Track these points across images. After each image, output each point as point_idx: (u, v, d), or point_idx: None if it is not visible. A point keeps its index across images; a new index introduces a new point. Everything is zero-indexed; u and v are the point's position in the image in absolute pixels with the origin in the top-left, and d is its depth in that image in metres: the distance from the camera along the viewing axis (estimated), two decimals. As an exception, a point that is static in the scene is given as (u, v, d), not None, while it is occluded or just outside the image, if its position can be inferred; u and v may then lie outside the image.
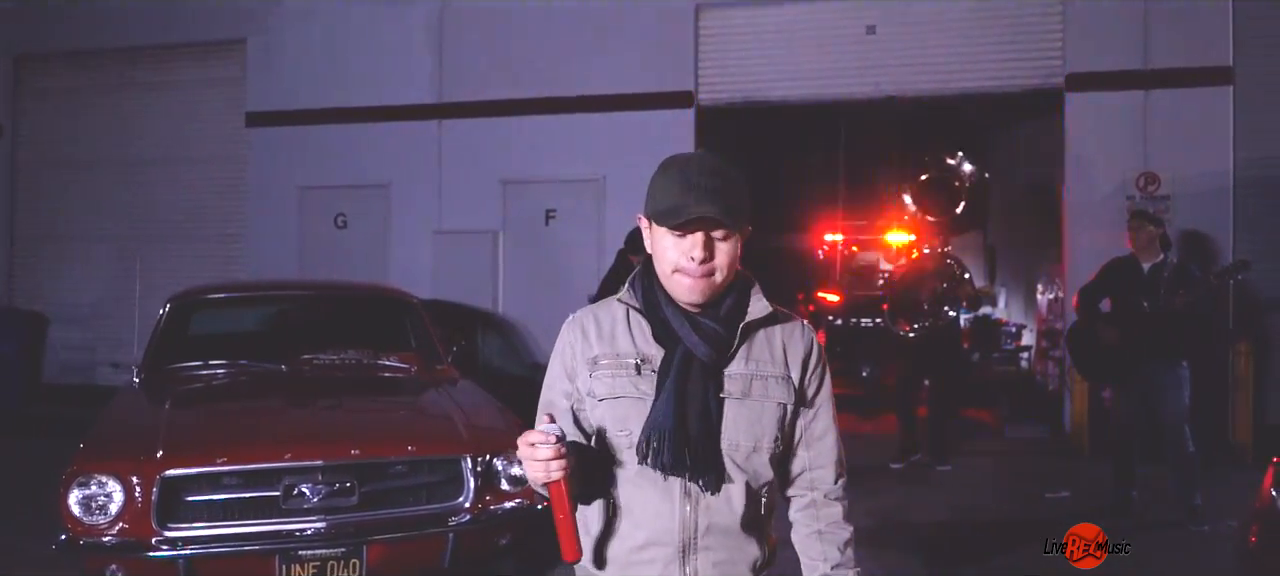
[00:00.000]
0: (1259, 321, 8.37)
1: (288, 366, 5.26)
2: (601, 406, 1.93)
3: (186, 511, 3.87)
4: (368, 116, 10.54)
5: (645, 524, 1.90)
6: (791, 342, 1.97)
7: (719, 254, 1.86)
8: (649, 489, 1.89)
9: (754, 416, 1.91)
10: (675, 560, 1.89)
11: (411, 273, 9.85)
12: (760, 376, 1.92)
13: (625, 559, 1.92)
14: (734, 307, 1.92)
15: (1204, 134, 8.49)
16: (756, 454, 1.92)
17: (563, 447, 1.75)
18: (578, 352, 1.97)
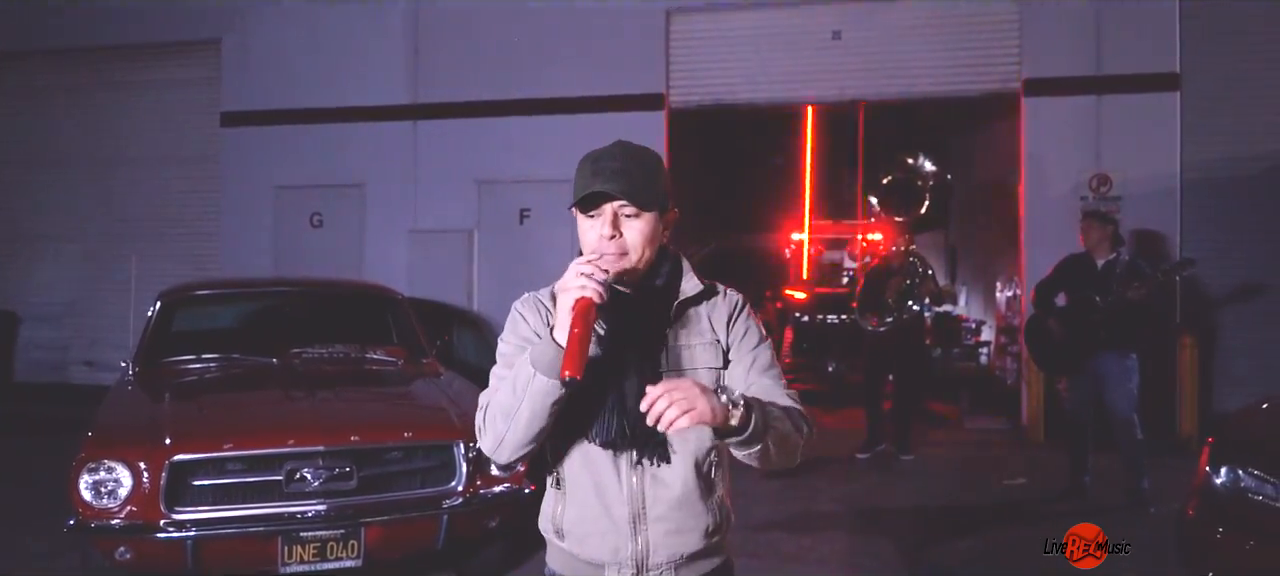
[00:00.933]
0: (1203, 316, 8.78)
1: (278, 360, 5.44)
2: None
3: (193, 495, 4.06)
4: (343, 117, 10.68)
5: (595, 497, 1.97)
6: (716, 311, 2.04)
7: (629, 231, 1.92)
8: (598, 463, 1.97)
9: None
10: (627, 531, 1.96)
11: (387, 271, 9.96)
12: (688, 346, 1.98)
13: (581, 531, 2.00)
14: (665, 288, 2.00)
15: (1153, 137, 8.88)
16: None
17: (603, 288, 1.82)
18: (526, 333, 2.03)
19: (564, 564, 2.06)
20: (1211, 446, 3.99)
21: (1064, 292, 6.75)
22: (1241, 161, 8.79)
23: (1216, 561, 3.80)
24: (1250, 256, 8.75)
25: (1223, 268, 8.74)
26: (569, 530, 2.01)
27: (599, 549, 1.99)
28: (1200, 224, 8.81)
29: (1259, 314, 8.68)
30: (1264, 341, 8.57)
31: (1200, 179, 8.84)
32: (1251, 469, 3.73)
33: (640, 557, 1.97)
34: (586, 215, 1.97)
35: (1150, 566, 5.05)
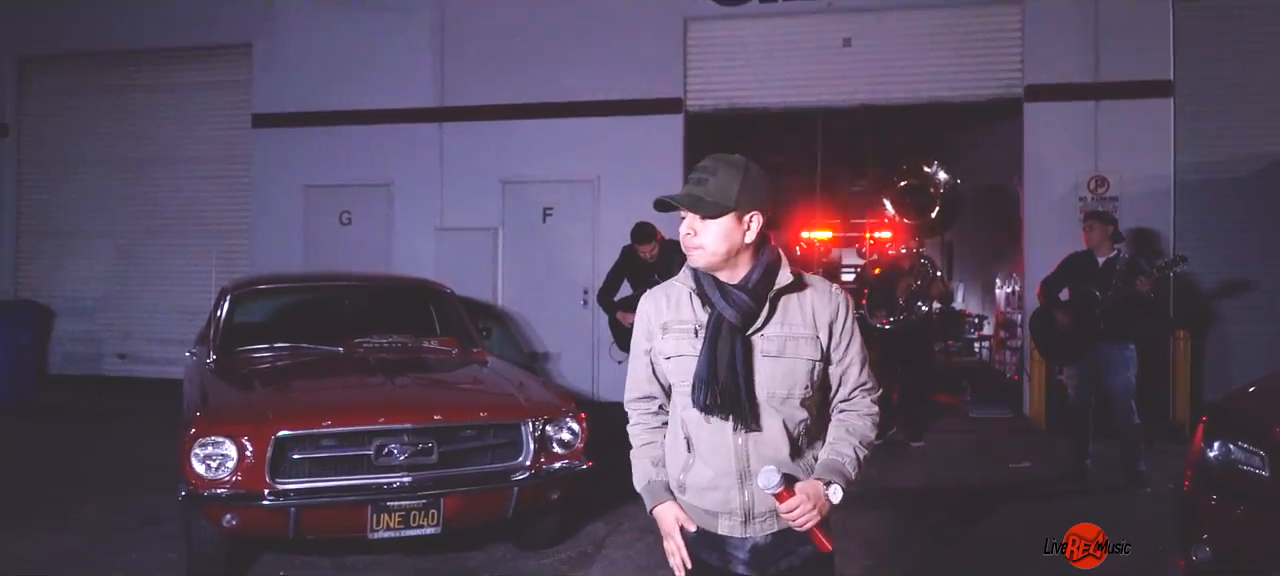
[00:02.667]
0: (1195, 311, 9.28)
1: (344, 349, 5.88)
2: (668, 364, 2.43)
3: (292, 468, 4.50)
4: (371, 119, 11.10)
5: (709, 456, 2.38)
6: (820, 307, 2.39)
7: (703, 232, 2.29)
8: (709, 428, 2.36)
9: (787, 370, 2.35)
10: (735, 485, 2.36)
11: (414, 268, 10.37)
12: (793, 337, 2.35)
13: (698, 486, 2.40)
14: (762, 280, 2.34)
15: (1148, 140, 9.36)
16: (789, 400, 2.36)
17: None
18: (653, 318, 2.46)
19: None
20: (1205, 424, 4.45)
21: (1067, 287, 7.23)
22: (1230, 164, 9.29)
23: (1211, 527, 4.25)
24: (1238, 254, 9.26)
25: (1213, 264, 9.25)
26: (691, 484, 2.43)
27: (713, 500, 2.40)
28: (1192, 223, 9.31)
29: (1247, 308, 9.19)
30: (1252, 334, 9.07)
31: (1192, 181, 9.34)
32: (1241, 442, 4.19)
33: (748, 507, 2.38)
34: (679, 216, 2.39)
35: (1148, 540, 5.54)
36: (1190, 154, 9.36)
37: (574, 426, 5.06)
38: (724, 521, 2.41)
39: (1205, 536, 4.26)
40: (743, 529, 2.40)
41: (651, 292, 2.54)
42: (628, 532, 5.80)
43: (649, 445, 2.54)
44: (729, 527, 2.41)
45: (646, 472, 2.53)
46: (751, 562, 2.43)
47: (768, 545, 2.42)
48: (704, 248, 2.32)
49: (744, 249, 2.34)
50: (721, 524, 2.42)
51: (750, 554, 2.42)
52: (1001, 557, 5.53)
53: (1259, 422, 4.19)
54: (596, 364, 10.50)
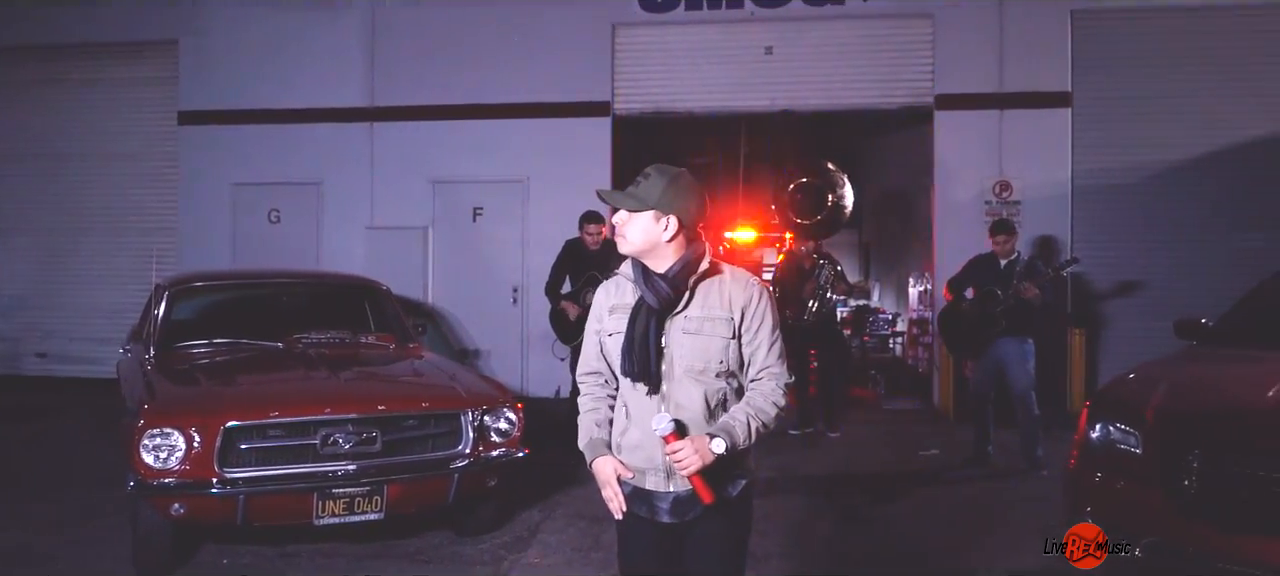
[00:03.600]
0: (1090, 308, 9.92)
1: (283, 344, 6.04)
2: (610, 340, 2.82)
3: (240, 457, 4.67)
4: (301, 117, 11.15)
5: (638, 419, 2.75)
6: (736, 293, 2.76)
7: (628, 224, 2.72)
8: (638, 396, 2.75)
9: (703, 346, 2.72)
10: (658, 445, 2.67)
11: (343, 266, 10.47)
12: (710, 318, 2.73)
13: (631, 446, 2.78)
14: (682, 271, 2.71)
15: (1048, 148, 9.99)
16: (706, 372, 2.72)
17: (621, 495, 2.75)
18: (603, 303, 2.88)
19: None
20: (1089, 408, 4.91)
21: (972, 287, 7.73)
22: (1123, 171, 9.96)
23: (1094, 500, 4.68)
24: (1130, 255, 9.92)
25: (1107, 265, 9.90)
26: (625, 445, 2.79)
27: (640, 458, 2.77)
28: (1088, 226, 9.95)
29: (1137, 306, 9.85)
30: (1142, 329, 9.68)
31: (1088, 186, 9.98)
32: (1119, 424, 4.66)
33: (669, 464, 2.70)
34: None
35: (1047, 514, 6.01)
36: (1086, 161, 10.01)
37: (511, 416, 5.32)
38: (650, 477, 2.77)
39: (1089, 509, 4.71)
40: (666, 483, 2.76)
41: (605, 283, 2.94)
42: (561, 519, 6.08)
43: (593, 410, 2.89)
44: (655, 482, 2.77)
45: (589, 431, 2.87)
46: (672, 512, 2.78)
47: (687, 497, 2.75)
48: (625, 237, 2.75)
49: (663, 244, 2.72)
50: (648, 479, 2.77)
51: (671, 504, 2.78)
52: (910, 534, 5.95)
53: (1134, 406, 4.65)
54: (525, 360, 10.74)
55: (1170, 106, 9.85)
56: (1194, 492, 4.21)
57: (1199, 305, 8.82)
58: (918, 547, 5.71)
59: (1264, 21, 9.73)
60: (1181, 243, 9.84)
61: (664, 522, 2.80)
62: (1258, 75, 9.74)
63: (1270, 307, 5.70)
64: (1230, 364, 5.09)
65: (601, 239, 7.56)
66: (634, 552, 2.87)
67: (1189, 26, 9.85)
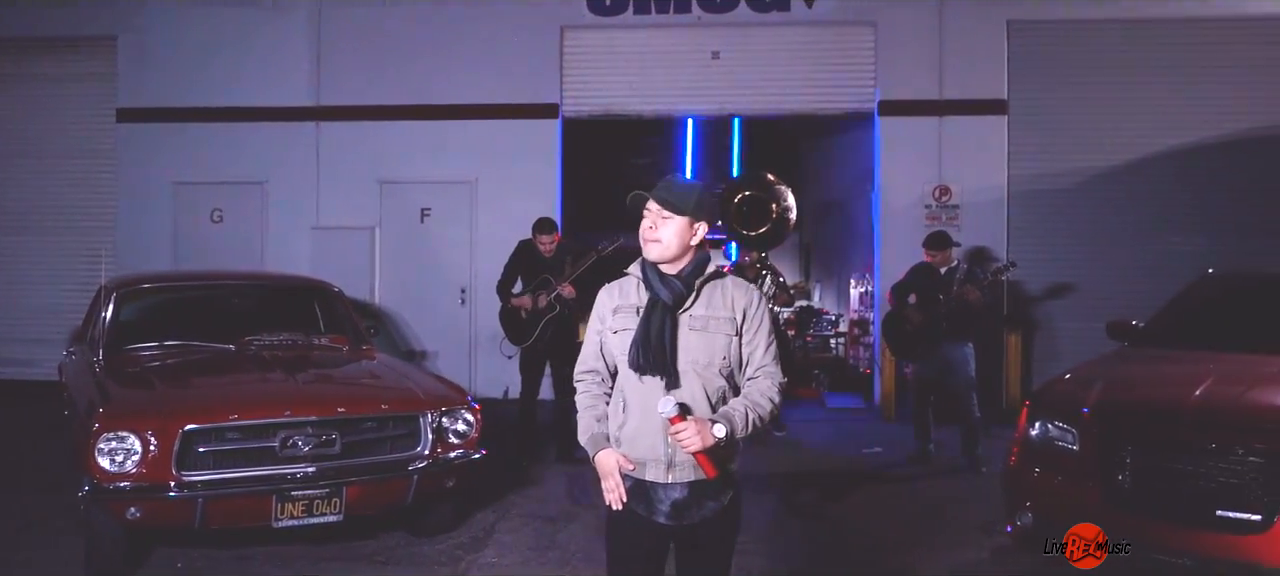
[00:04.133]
0: (1026, 310, 10.25)
1: (235, 347, 6.01)
2: (614, 337, 2.96)
3: (198, 460, 4.65)
4: (244, 116, 11.03)
5: (640, 412, 2.88)
6: (738, 296, 2.96)
7: (662, 228, 2.86)
8: (642, 388, 2.87)
9: (708, 342, 2.89)
10: (660, 436, 2.84)
11: (289, 267, 10.39)
12: (715, 317, 2.91)
13: (632, 437, 2.90)
14: (692, 271, 2.91)
15: (985, 154, 10.30)
16: (710, 367, 2.88)
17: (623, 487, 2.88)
18: (606, 304, 3.03)
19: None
20: (1028, 407, 5.13)
21: (914, 293, 7.96)
22: (1056, 177, 10.30)
23: (1033, 496, 4.90)
24: (1064, 258, 10.27)
25: (1042, 268, 10.23)
26: (625, 437, 2.91)
27: (643, 449, 2.89)
28: (1024, 229, 10.28)
29: (1070, 307, 10.20)
30: (1075, 330, 10.04)
31: (1023, 191, 10.31)
32: (1056, 421, 4.87)
33: (670, 455, 2.86)
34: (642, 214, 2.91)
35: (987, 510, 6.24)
36: (1022, 166, 10.34)
37: (469, 417, 5.37)
38: (651, 468, 2.89)
39: (1028, 504, 4.93)
40: (666, 474, 2.88)
41: (607, 287, 3.09)
42: (515, 519, 6.14)
43: (591, 406, 3.03)
44: (655, 474, 2.89)
45: (590, 426, 3.00)
46: (671, 514, 2.91)
47: (685, 498, 2.90)
48: (660, 241, 2.87)
49: (689, 249, 2.91)
50: (649, 470, 2.89)
51: (671, 506, 2.90)
52: (862, 531, 6.13)
53: (1071, 405, 4.87)
54: (473, 362, 10.76)
55: (1101, 114, 10.22)
56: (1128, 487, 4.45)
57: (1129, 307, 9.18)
58: (871, 543, 5.87)
59: (1192, 34, 10.14)
60: (1112, 246, 10.21)
61: (659, 524, 2.92)
62: (1186, 85, 10.14)
63: (1195, 310, 6.00)
64: (1161, 364, 5.35)
65: (554, 246, 7.62)
66: (626, 551, 2.97)
67: (1120, 38, 10.23)
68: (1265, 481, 4.09)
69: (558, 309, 7.49)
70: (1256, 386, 4.58)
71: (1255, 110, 10.10)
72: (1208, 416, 4.40)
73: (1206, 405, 4.47)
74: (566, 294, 7.45)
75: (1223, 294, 6.12)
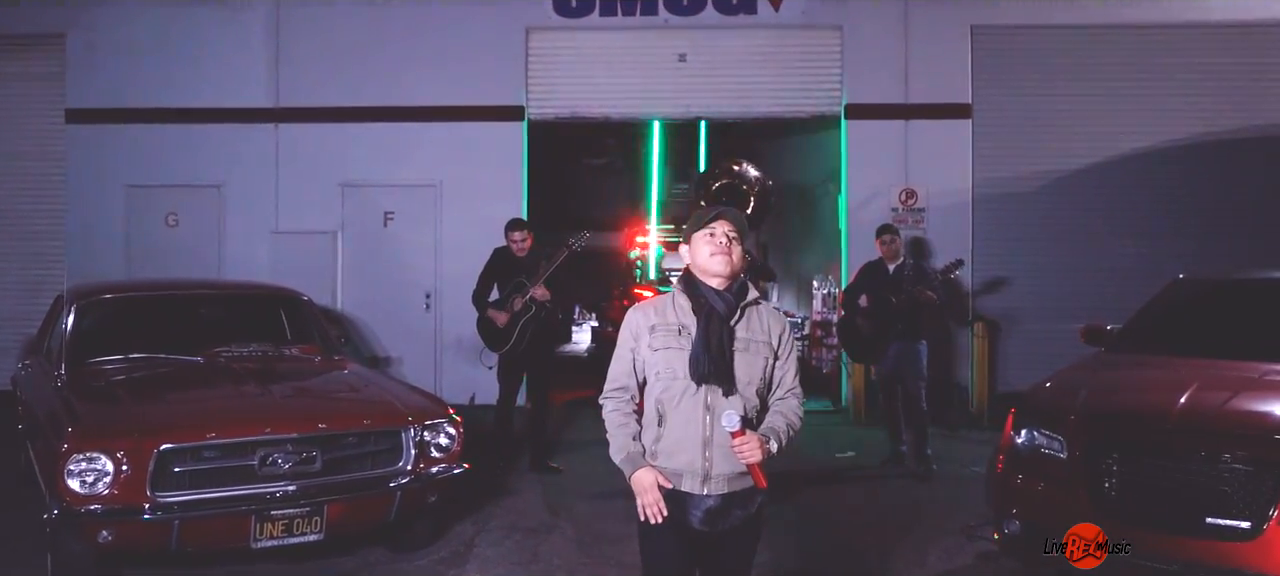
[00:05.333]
0: (989, 311, 10.34)
1: (204, 359, 5.82)
2: (655, 355, 3.05)
3: (173, 480, 4.48)
4: (200, 117, 10.74)
5: (681, 427, 3.01)
6: (773, 321, 3.17)
7: (734, 248, 3.05)
8: (685, 404, 3.00)
9: (750, 362, 3.05)
10: (699, 450, 3.00)
11: (248, 272, 10.19)
12: (755, 339, 3.08)
13: (670, 449, 3.03)
14: (738, 291, 3.09)
15: (950, 157, 10.38)
16: (750, 385, 3.04)
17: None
18: (641, 324, 3.11)
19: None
20: (1014, 414, 5.15)
21: (865, 294, 7.97)
22: (1020, 179, 10.42)
23: (1019, 503, 4.92)
24: (1028, 260, 10.38)
25: (1006, 270, 10.34)
26: (662, 450, 3.04)
27: (681, 462, 3.02)
28: (988, 233, 10.39)
29: (1034, 309, 10.31)
30: (1039, 332, 10.17)
31: (987, 194, 10.41)
32: (1043, 429, 4.90)
33: (707, 469, 3.00)
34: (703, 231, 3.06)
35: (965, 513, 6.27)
36: (985, 170, 10.44)
37: (451, 431, 5.26)
38: (687, 479, 3.03)
39: (1015, 511, 4.95)
40: (701, 486, 3.02)
41: (639, 306, 3.20)
42: (495, 531, 6.04)
43: (624, 425, 3.13)
44: (691, 485, 3.03)
45: (626, 445, 3.09)
46: (704, 520, 3.05)
47: (717, 507, 3.05)
48: (732, 259, 3.04)
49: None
50: (685, 481, 3.03)
51: (704, 514, 3.05)
52: (839, 535, 6.12)
53: (1057, 412, 4.90)
54: (439, 368, 10.60)
55: (1063, 118, 10.36)
56: (1116, 494, 4.48)
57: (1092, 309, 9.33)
58: (853, 549, 5.87)
59: (1152, 39, 10.32)
60: (1075, 249, 10.35)
61: (693, 530, 3.05)
62: (1146, 90, 10.32)
63: (1169, 314, 6.07)
64: (1142, 370, 5.39)
65: (527, 245, 7.51)
66: (662, 556, 3.09)
67: (1080, 43, 10.37)
68: (1254, 489, 4.13)
69: (534, 309, 7.38)
70: (1241, 393, 4.63)
71: (1211, 115, 10.32)
72: (1195, 424, 4.44)
73: (1193, 412, 4.51)
74: (539, 297, 7.33)
75: (1195, 298, 6.20)
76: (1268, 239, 10.17)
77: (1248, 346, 5.26)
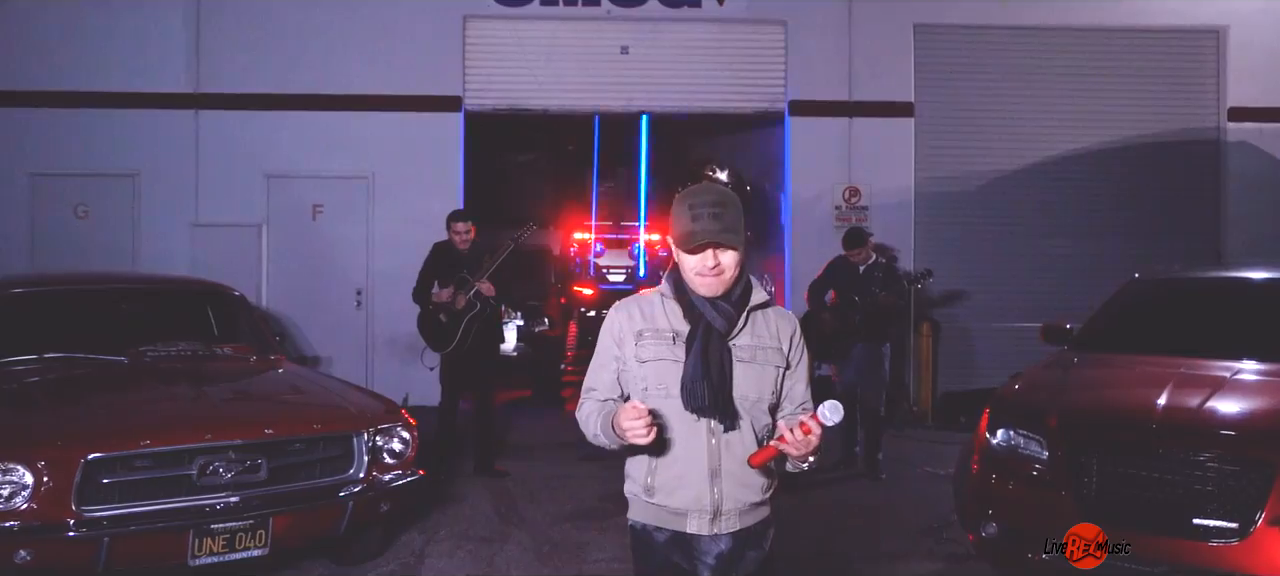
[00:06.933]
0: (931, 310, 10.35)
1: (128, 359, 5.36)
2: (644, 367, 2.53)
3: (102, 493, 4.06)
4: (113, 102, 10.09)
5: (682, 457, 2.50)
6: (783, 324, 2.64)
7: (723, 260, 2.48)
8: (685, 429, 2.49)
9: (758, 375, 2.54)
10: (706, 483, 2.49)
11: (165, 266, 9.64)
12: (763, 347, 2.56)
13: (670, 485, 2.51)
14: (741, 295, 2.56)
15: (893, 155, 10.36)
16: (759, 403, 2.54)
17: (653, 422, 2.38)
18: (626, 327, 2.58)
19: (651, 515, 2.57)
20: (989, 414, 5.04)
21: (832, 291, 7.86)
22: (961, 179, 10.45)
23: (996, 504, 4.81)
24: (968, 259, 10.42)
25: (946, 269, 10.30)
26: (660, 486, 2.53)
27: (685, 498, 2.51)
28: (929, 231, 10.40)
29: (975, 308, 10.37)
30: (980, 331, 10.23)
31: (929, 193, 10.42)
32: (1021, 429, 4.79)
33: (716, 504, 2.51)
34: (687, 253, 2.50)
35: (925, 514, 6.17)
36: (927, 169, 10.45)
37: (405, 435, 4.93)
38: (693, 520, 2.52)
39: (991, 512, 4.83)
40: (710, 526, 2.52)
41: (623, 304, 2.66)
42: (445, 541, 5.71)
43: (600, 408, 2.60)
44: (697, 526, 2.52)
45: (599, 411, 2.58)
46: (716, 569, 2.55)
47: (730, 550, 2.55)
48: (724, 274, 2.50)
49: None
50: (690, 522, 2.52)
51: (716, 560, 2.55)
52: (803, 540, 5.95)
53: (1036, 412, 4.80)
54: (370, 367, 10.16)
55: (1004, 118, 10.43)
56: (1100, 496, 4.39)
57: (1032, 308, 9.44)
58: (821, 554, 5.70)
59: (1088, 42, 10.46)
60: (1014, 247, 10.43)
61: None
62: (1085, 91, 10.45)
63: (1128, 313, 6.05)
64: (1112, 369, 5.33)
65: (470, 238, 7.18)
66: None
67: (1021, 44, 10.46)
68: (1240, 489, 4.08)
69: (479, 307, 7.05)
70: (1218, 392, 4.58)
71: (1143, 117, 10.51)
72: (1179, 424, 4.38)
73: (1175, 412, 4.45)
74: (485, 292, 7.01)
75: (1152, 297, 6.20)
76: (1200, 238, 10.43)
77: (1212, 345, 5.25)
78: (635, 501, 2.63)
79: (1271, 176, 10.50)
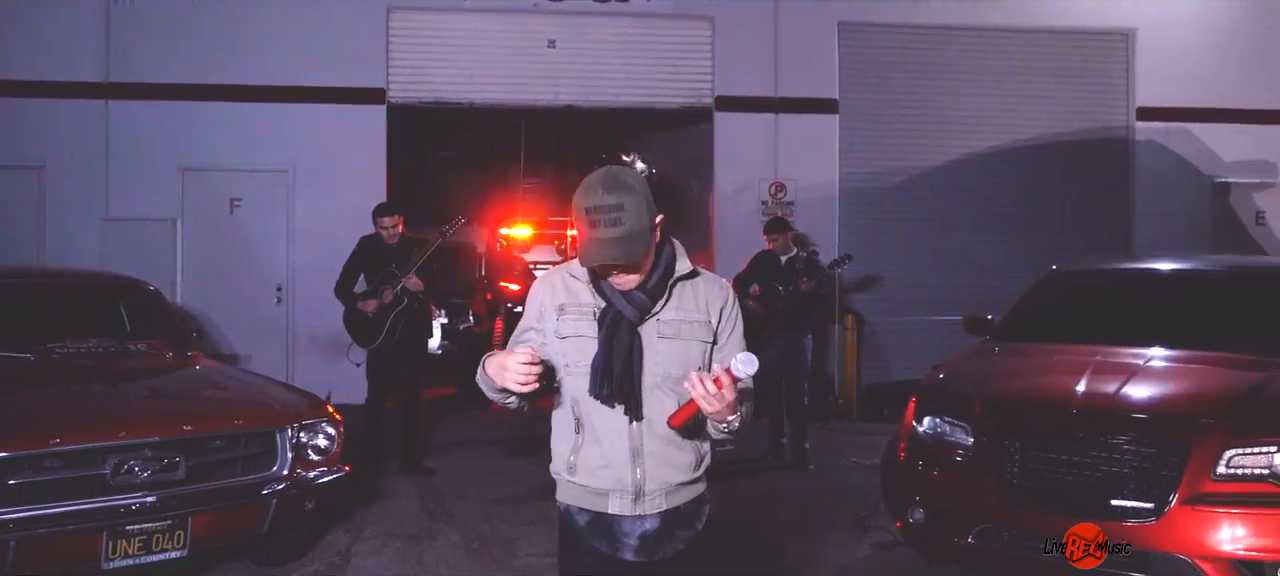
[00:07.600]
0: (854, 304, 10.51)
1: (35, 355, 5.14)
2: (564, 343, 2.42)
3: (9, 494, 3.87)
4: (16, 90, 9.65)
5: (603, 437, 2.42)
6: (713, 295, 2.50)
7: (628, 262, 2.32)
8: (605, 409, 2.40)
9: (682, 351, 2.42)
10: (628, 463, 2.41)
11: (73, 261, 9.23)
12: (687, 321, 2.44)
13: (590, 466, 2.44)
14: (664, 274, 2.42)
15: (818, 152, 10.49)
16: (682, 383, 2.30)
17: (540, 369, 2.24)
18: (548, 300, 2.47)
19: (575, 496, 2.50)
20: (916, 402, 5.12)
21: (756, 284, 7.93)
22: (883, 175, 10.64)
23: (923, 491, 4.89)
24: (891, 254, 10.60)
25: (869, 263, 10.50)
26: (582, 465, 2.46)
27: (605, 478, 2.44)
28: (853, 226, 10.55)
29: (897, 300, 10.55)
30: (902, 325, 10.41)
31: (852, 189, 10.58)
32: (947, 417, 4.88)
33: (639, 485, 2.43)
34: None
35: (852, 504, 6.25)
36: (850, 165, 10.61)
37: (330, 431, 4.81)
38: (614, 500, 2.45)
39: (918, 498, 4.91)
40: (632, 507, 2.45)
41: (547, 276, 2.56)
42: (371, 539, 5.61)
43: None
44: (619, 507, 2.45)
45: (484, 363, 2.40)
46: (640, 549, 2.48)
47: (656, 530, 2.48)
48: (635, 277, 2.38)
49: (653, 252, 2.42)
50: (612, 502, 2.45)
51: (639, 541, 2.48)
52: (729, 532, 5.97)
53: (961, 400, 4.89)
54: (292, 364, 9.92)
55: (926, 116, 10.65)
56: (1023, 480, 4.49)
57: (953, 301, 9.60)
58: (748, 545, 5.73)
59: (1008, 42, 10.75)
60: (935, 243, 10.64)
61: (626, 561, 2.48)
62: (1004, 90, 10.74)
63: (1047, 304, 6.21)
64: (1034, 358, 5.46)
65: (398, 232, 7.04)
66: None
67: (943, 43, 10.68)
68: (1156, 471, 4.21)
69: (406, 302, 6.92)
70: (1133, 378, 4.73)
71: (1063, 116, 10.85)
72: (1097, 409, 4.51)
73: (1093, 398, 4.58)
74: (412, 286, 6.89)
75: (1069, 288, 6.37)
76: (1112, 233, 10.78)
77: (1126, 333, 5.41)
78: (559, 481, 2.56)
79: (1177, 174, 10.91)
